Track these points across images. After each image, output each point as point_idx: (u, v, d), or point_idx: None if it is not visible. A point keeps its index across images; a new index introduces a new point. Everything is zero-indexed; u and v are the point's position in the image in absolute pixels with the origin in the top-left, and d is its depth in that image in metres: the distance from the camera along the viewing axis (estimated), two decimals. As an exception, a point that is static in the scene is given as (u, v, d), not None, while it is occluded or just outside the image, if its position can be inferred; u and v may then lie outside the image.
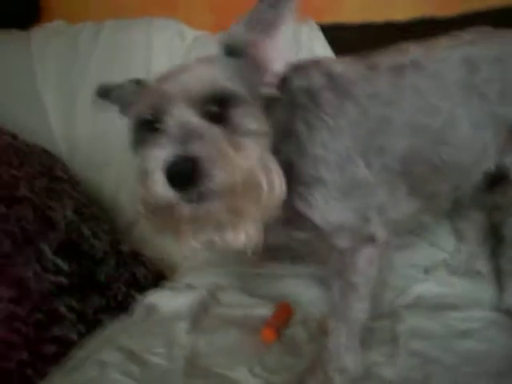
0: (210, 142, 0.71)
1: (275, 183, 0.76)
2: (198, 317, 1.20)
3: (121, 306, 1.27)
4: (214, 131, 0.73)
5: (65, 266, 1.21)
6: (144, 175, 0.74)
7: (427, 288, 1.29)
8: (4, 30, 1.77)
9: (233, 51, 0.83)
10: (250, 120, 0.78)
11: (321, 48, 1.51)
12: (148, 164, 0.73)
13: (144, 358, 1.07)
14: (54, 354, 1.09)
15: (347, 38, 1.53)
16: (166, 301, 1.27)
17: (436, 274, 1.36)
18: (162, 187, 0.71)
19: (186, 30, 1.67)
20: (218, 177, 0.69)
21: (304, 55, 1.51)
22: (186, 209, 0.72)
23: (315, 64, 0.96)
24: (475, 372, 0.94)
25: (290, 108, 0.89)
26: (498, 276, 1.27)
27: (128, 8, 1.90)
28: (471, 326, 1.10)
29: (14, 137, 1.44)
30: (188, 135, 0.72)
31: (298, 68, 0.94)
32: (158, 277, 1.40)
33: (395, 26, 1.52)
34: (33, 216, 1.24)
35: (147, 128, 0.80)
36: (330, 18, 1.65)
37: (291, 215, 0.90)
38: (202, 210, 0.72)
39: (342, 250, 0.93)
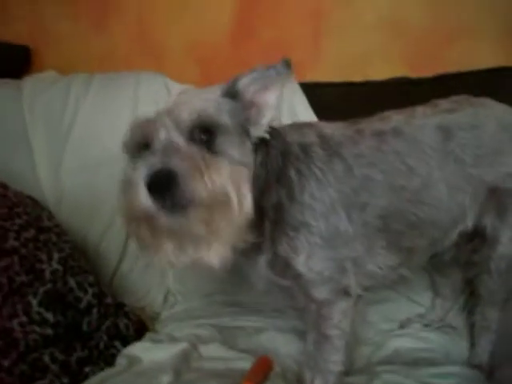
0: (188, 158, 0.79)
1: (244, 201, 0.83)
2: (180, 369, 1.22)
3: (103, 357, 1.28)
4: (193, 149, 0.82)
5: (50, 317, 1.23)
6: (127, 186, 0.82)
7: (403, 343, 1.34)
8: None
9: (231, 94, 0.92)
10: (232, 148, 0.87)
11: (301, 107, 1.58)
12: (131, 175, 0.81)
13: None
14: (36, 408, 1.10)
15: (327, 96, 1.61)
16: (148, 353, 1.29)
17: (411, 328, 1.41)
18: (141, 195, 0.79)
19: (171, 84, 1.74)
20: (192, 189, 0.77)
21: (285, 113, 1.59)
22: (163, 219, 0.79)
23: (310, 125, 1.07)
24: None
25: (284, 156, 0.97)
26: (471, 331, 1.32)
27: (116, 59, 1.98)
28: (446, 382, 1.14)
29: (4, 187, 1.48)
30: (169, 151, 0.80)
31: (295, 126, 1.06)
32: (140, 327, 1.43)
33: (373, 84, 1.61)
34: (20, 267, 1.27)
35: (138, 150, 0.88)
36: (310, 75, 1.74)
37: (276, 260, 0.97)
38: (177, 221, 0.79)
39: (318, 302, 0.99)
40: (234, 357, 1.28)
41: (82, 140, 1.67)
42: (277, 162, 0.96)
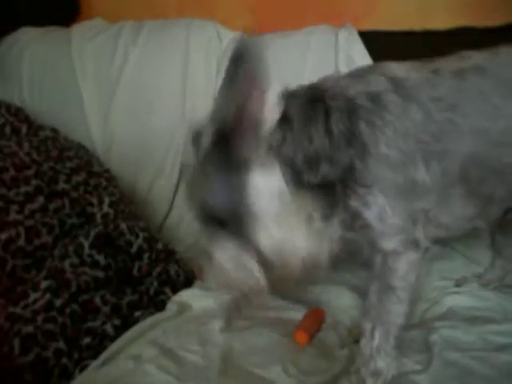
0: None
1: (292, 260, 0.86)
2: (231, 316, 1.20)
3: (153, 302, 1.27)
4: None
5: (101, 260, 1.22)
6: (238, 266, 0.87)
7: (459, 300, 1.28)
8: (45, 27, 1.79)
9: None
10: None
11: (358, 53, 1.51)
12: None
13: (179, 355, 1.07)
14: (90, 346, 1.10)
15: (385, 46, 1.53)
16: (198, 300, 1.28)
17: (468, 287, 1.35)
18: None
19: (223, 32, 1.69)
20: None
21: (342, 59, 1.53)
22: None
23: (376, 69, 0.96)
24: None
25: (351, 113, 0.89)
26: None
27: (166, 8, 1.93)
28: (508, 340, 1.08)
29: (54, 131, 1.47)
30: None
31: (357, 74, 0.95)
32: (190, 276, 1.41)
33: (435, 34, 1.53)
34: (71, 210, 1.26)
35: None
36: (367, 27, 1.66)
37: (345, 216, 0.92)
38: None
39: (386, 253, 0.94)
40: (285, 307, 1.25)
41: (132, 88, 1.65)
42: (342, 123, 0.87)
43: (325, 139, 0.87)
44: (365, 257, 1.00)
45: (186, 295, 1.30)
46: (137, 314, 1.21)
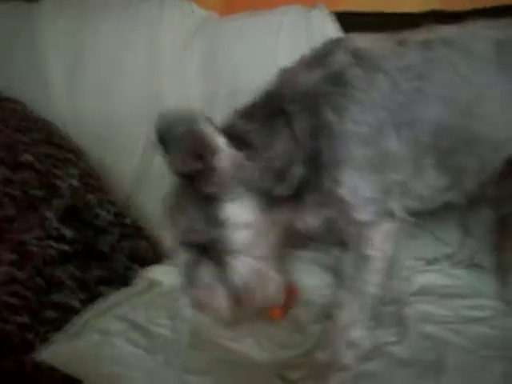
0: None
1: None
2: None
3: (121, 278, 1.23)
4: None
5: (68, 234, 1.18)
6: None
7: (431, 279, 1.27)
8: (12, 2, 1.73)
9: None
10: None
11: (333, 33, 1.49)
12: None
13: (148, 329, 1.04)
14: (55, 320, 1.06)
15: (359, 26, 1.52)
16: (168, 276, 1.24)
17: (439, 266, 1.35)
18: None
19: (196, 10, 1.65)
20: None
21: (316, 39, 1.51)
22: None
23: (337, 44, 0.94)
24: (493, 355, 0.92)
25: (311, 110, 0.87)
26: (502, 270, 1.26)
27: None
28: (481, 313, 1.09)
29: (16, 102, 1.41)
30: None
31: (315, 59, 0.93)
32: (159, 253, 1.37)
33: (407, 16, 1.53)
34: (37, 182, 1.21)
35: None
36: (342, 4, 1.64)
37: (318, 196, 0.90)
38: None
39: (360, 224, 0.92)
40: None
41: (99, 63, 1.60)
42: (305, 123, 0.86)
43: (290, 146, 0.86)
44: (340, 232, 0.98)
45: (155, 271, 1.27)
46: (104, 289, 1.17)
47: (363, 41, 0.95)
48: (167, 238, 0.89)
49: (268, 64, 1.48)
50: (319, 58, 0.92)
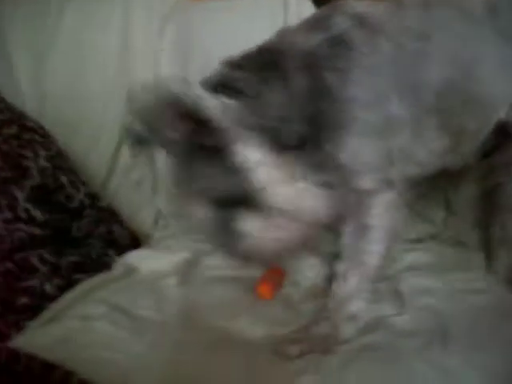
0: None
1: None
2: (186, 274, 1.12)
3: (96, 265, 1.15)
4: None
5: (38, 215, 1.09)
6: None
7: (418, 257, 1.24)
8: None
9: None
10: None
11: (309, 12, 1.45)
12: None
13: (131, 311, 0.97)
14: (27, 306, 0.97)
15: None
16: (146, 261, 1.18)
17: (424, 245, 1.33)
18: None
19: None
20: None
21: (292, 19, 1.48)
22: None
23: (335, 9, 0.91)
24: (498, 321, 0.91)
25: (310, 67, 0.83)
26: (487, 246, 1.25)
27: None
28: (477, 285, 1.06)
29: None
30: None
31: (313, 23, 0.90)
32: (135, 240, 1.30)
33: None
34: (3, 163, 1.12)
35: None
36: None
37: (318, 160, 0.86)
38: None
39: (361, 192, 0.89)
40: (242, 265, 1.17)
41: (67, 45, 1.51)
42: (303, 78, 0.82)
43: (284, 100, 0.81)
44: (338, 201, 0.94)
45: (132, 257, 1.20)
46: (79, 276, 1.09)
47: (361, 5, 0.92)
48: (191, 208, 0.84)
49: (243, 46, 1.46)
50: (319, 21, 0.89)
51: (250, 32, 1.45)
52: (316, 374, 0.79)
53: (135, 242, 1.29)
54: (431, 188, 1.32)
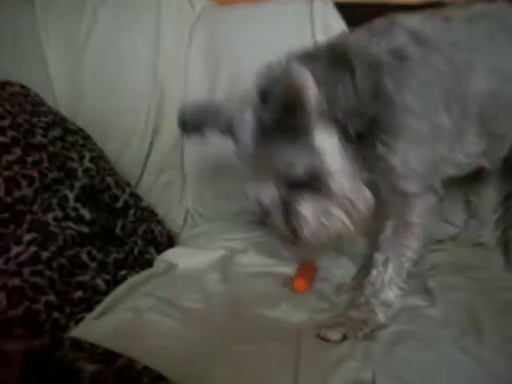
0: None
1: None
2: (224, 270, 1.18)
3: (138, 262, 1.22)
4: None
5: (86, 214, 1.15)
6: None
7: (441, 257, 1.30)
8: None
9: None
10: None
11: (335, 21, 1.51)
12: None
13: (179, 303, 1.03)
14: (82, 299, 1.03)
15: (360, 17, 1.56)
16: (184, 259, 1.24)
17: (446, 246, 1.39)
18: None
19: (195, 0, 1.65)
20: None
21: (318, 28, 1.54)
22: None
23: (392, 23, 0.99)
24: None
25: (373, 71, 0.91)
26: (507, 248, 1.31)
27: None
28: (497, 283, 1.12)
29: (23, 87, 1.38)
30: None
31: (377, 31, 0.97)
32: (169, 237, 1.36)
33: (409, 6, 1.57)
34: (50, 164, 1.19)
35: None
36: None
37: (370, 160, 0.93)
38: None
39: (407, 194, 0.97)
40: (275, 263, 1.23)
41: (100, 50, 1.57)
42: (367, 79, 0.89)
43: (351, 96, 0.88)
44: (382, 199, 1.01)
45: (171, 254, 1.26)
46: (123, 272, 1.15)
47: (415, 21, 0.99)
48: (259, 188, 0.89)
49: (270, 53, 1.51)
50: (378, 32, 0.97)
51: (277, 39, 1.53)
52: (361, 359, 0.84)
53: (170, 240, 1.34)
54: (452, 191, 1.38)
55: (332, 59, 0.89)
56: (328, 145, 0.86)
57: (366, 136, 0.90)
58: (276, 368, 0.83)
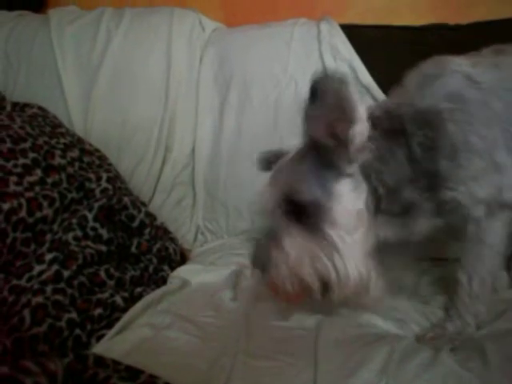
0: None
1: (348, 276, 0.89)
2: (237, 285, 1.21)
3: (153, 279, 1.26)
4: None
5: (104, 234, 1.20)
6: None
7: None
8: (18, 11, 1.74)
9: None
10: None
11: (342, 43, 1.56)
12: None
13: (195, 320, 1.06)
14: (102, 316, 1.07)
15: (365, 38, 1.61)
16: (197, 276, 1.28)
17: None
18: None
19: (205, 21, 1.71)
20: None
21: (326, 49, 1.58)
22: None
23: (443, 67, 1.03)
24: None
25: (431, 125, 0.95)
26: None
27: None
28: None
29: (41, 109, 1.43)
30: None
31: (426, 80, 1.02)
32: (182, 254, 1.41)
33: (409, 29, 1.62)
34: (68, 184, 1.23)
35: None
36: (342, 19, 1.72)
37: (432, 206, 0.97)
38: None
39: (479, 219, 1.00)
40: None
41: (114, 75, 1.63)
42: (424, 140, 0.93)
43: (404, 168, 0.92)
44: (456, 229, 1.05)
45: (183, 271, 1.30)
46: (139, 289, 1.19)
47: (466, 64, 1.03)
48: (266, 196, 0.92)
49: (279, 73, 1.57)
50: (431, 79, 1.01)
51: (286, 58, 1.58)
52: (377, 371, 0.88)
53: (182, 256, 1.39)
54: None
55: (387, 132, 0.92)
56: (348, 198, 0.88)
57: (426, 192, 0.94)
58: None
